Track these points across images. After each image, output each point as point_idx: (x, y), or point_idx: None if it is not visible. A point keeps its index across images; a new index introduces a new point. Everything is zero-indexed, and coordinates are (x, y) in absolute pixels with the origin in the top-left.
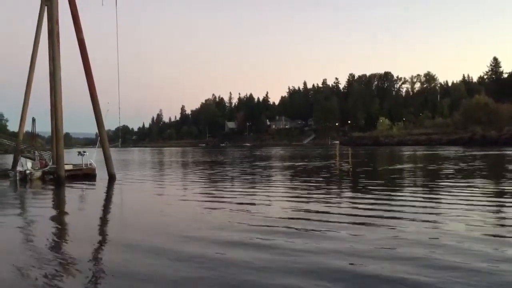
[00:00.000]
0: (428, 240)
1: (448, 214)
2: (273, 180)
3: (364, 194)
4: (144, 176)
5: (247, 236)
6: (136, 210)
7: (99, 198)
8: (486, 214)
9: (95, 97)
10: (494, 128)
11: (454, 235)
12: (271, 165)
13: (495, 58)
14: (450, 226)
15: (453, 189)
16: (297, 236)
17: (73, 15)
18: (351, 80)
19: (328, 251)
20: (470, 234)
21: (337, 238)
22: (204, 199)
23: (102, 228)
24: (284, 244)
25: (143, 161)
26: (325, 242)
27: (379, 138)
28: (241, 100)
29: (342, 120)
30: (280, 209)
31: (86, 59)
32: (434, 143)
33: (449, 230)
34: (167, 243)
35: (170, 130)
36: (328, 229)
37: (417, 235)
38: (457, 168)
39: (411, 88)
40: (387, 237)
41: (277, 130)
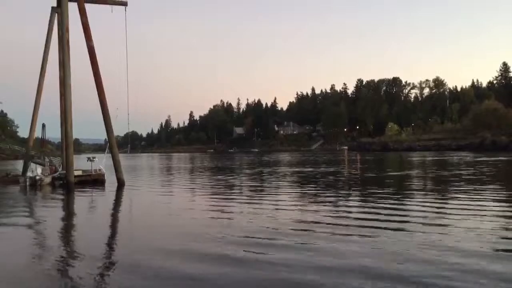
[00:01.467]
0: (435, 254)
1: (457, 225)
2: (281, 187)
3: (372, 201)
4: (153, 182)
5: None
6: (144, 217)
7: (108, 203)
8: (497, 223)
9: (104, 103)
10: (504, 133)
11: (462, 250)
12: (279, 171)
13: (504, 63)
14: (458, 238)
15: (463, 195)
16: (301, 248)
17: (83, 23)
18: (360, 86)
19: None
20: (479, 245)
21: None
22: (211, 207)
23: (110, 234)
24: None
25: (152, 167)
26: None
27: (388, 144)
28: (249, 105)
29: (350, 126)
30: (285, 220)
31: (96, 66)
32: (443, 149)
33: (456, 244)
34: (176, 253)
35: (178, 135)
36: (336, 239)
37: (424, 246)
38: (467, 175)
39: (420, 93)
40: (392, 251)
41: (285, 136)
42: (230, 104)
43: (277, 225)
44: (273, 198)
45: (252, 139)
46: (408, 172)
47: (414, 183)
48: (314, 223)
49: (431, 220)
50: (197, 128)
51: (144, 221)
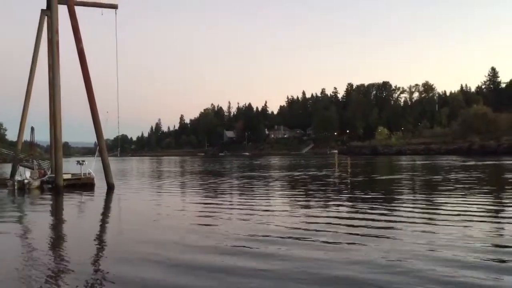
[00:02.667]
0: (424, 252)
1: (445, 226)
2: (271, 191)
3: (361, 207)
4: (143, 186)
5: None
6: (133, 222)
7: (97, 208)
8: (484, 225)
9: (94, 107)
10: (493, 138)
11: (451, 248)
12: (269, 175)
13: (493, 68)
14: (446, 240)
15: (452, 199)
16: (295, 247)
17: (73, 25)
18: (350, 90)
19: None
20: (468, 246)
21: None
22: (201, 212)
23: (98, 239)
24: (281, 253)
25: (142, 171)
26: (323, 254)
27: (377, 148)
28: (240, 109)
29: (340, 130)
30: (273, 226)
31: (86, 68)
32: (432, 153)
33: (445, 245)
34: (164, 257)
35: (168, 139)
36: (327, 240)
37: (412, 247)
38: (456, 179)
39: (409, 98)
40: (382, 249)
41: (276, 139)
42: (221, 107)
43: (265, 232)
44: (263, 203)
45: (243, 142)
46: (397, 176)
47: (403, 188)
48: (303, 230)
49: (419, 227)
50: (188, 132)
51: (133, 227)
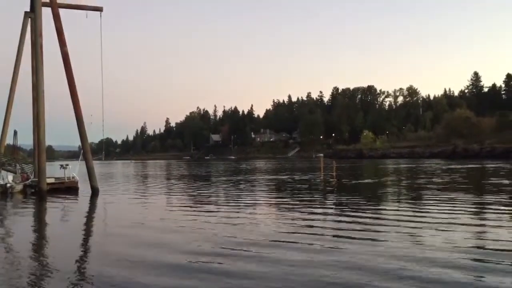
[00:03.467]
0: (410, 254)
1: (429, 229)
2: (256, 195)
3: (347, 210)
4: (127, 190)
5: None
6: (118, 227)
7: (81, 212)
8: (468, 227)
9: (78, 110)
10: (476, 141)
11: (435, 249)
12: (255, 179)
13: (475, 73)
14: (431, 241)
15: (436, 202)
16: (281, 250)
17: (57, 28)
18: (335, 94)
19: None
20: (451, 248)
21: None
22: (186, 214)
23: (82, 243)
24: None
25: (127, 174)
26: (308, 256)
27: (363, 151)
28: (225, 113)
29: (326, 133)
30: (260, 226)
31: (70, 72)
32: (417, 156)
33: (430, 245)
34: (148, 262)
35: (154, 142)
36: (313, 241)
37: (398, 249)
38: (440, 182)
39: (394, 102)
40: (367, 252)
41: (262, 143)
42: (207, 111)
43: (251, 234)
44: (248, 207)
45: (228, 146)
46: (383, 179)
47: (388, 191)
48: (288, 233)
49: (404, 229)
50: (173, 135)
51: (117, 232)
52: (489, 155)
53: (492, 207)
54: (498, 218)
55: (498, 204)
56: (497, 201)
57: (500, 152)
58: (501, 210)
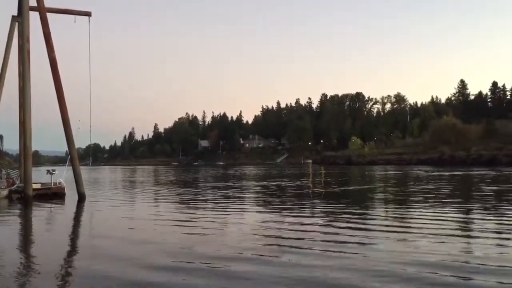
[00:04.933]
0: (399, 258)
1: (418, 234)
2: (245, 200)
3: (336, 214)
4: (115, 196)
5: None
6: (105, 233)
7: (68, 219)
8: (455, 232)
9: (65, 115)
10: (462, 149)
11: (426, 255)
12: (244, 185)
13: (462, 81)
14: (420, 246)
15: (424, 209)
16: (272, 255)
17: (45, 33)
18: (324, 100)
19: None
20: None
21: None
22: (174, 220)
23: (69, 252)
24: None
25: (114, 180)
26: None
27: (351, 158)
28: (214, 118)
29: (315, 139)
30: (247, 235)
31: (58, 77)
32: (404, 163)
33: (421, 252)
34: (134, 272)
35: (142, 148)
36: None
37: (387, 254)
38: (427, 189)
39: (382, 109)
40: (356, 257)
41: (250, 149)
42: (196, 117)
43: (241, 239)
44: (237, 213)
45: (217, 152)
46: (371, 186)
47: (376, 198)
48: (278, 238)
49: (392, 235)
50: (162, 141)
51: (104, 238)
52: (475, 162)
53: (478, 214)
54: (483, 225)
55: (483, 211)
56: (482, 208)
57: (486, 159)
58: (487, 218)
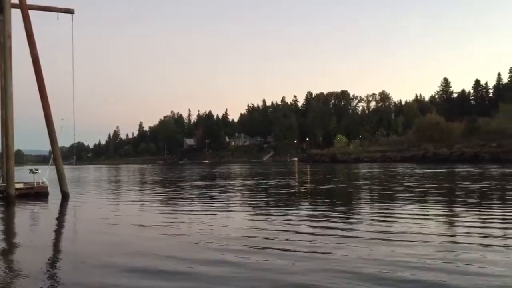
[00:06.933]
0: (383, 258)
1: (403, 233)
2: (230, 199)
3: (321, 212)
4: (99, 195)
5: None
6: (89, 232)
7: (51, 218)
8: (439, 230)
9: (48, 113)
10: (445, 146)
11: (410, 255)
12: (229, 184)
13: (445, 79)
14: (404, 247)
15: (408, 206)
16: (253, 255)
17: (27, 30)
18: (309, 98)
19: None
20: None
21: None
22: (158, 219)
23: (52, 251)
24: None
25: (98, 179)
26: (279, 262)
27: (336, 155)
28: (200, 117)
29: (300, 137)
30: (233, 232)
31: (40, 75)
32: (389, 160)
33: (404, 252)
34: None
35: (127, 147)
36: (284, 247)
37: (371, 253)
38: (411, 187)
39: (366, 107)
40: (340, 257)
41: (236, 147)
42: (181, 115)
43: (224, 239)
44: (222, 212)
45: (203, 150)
46: (356, 184)
47: (361, 196)
48: (261, 238)
49: (377, 234)
50: (147, 139)
51: (88, 237)
52: (458, 159)
53: (462, 211)
54: (466, 224)
55: (466, 209)
56: (465, 206)
57: (469, 156)
58: (470, 219)
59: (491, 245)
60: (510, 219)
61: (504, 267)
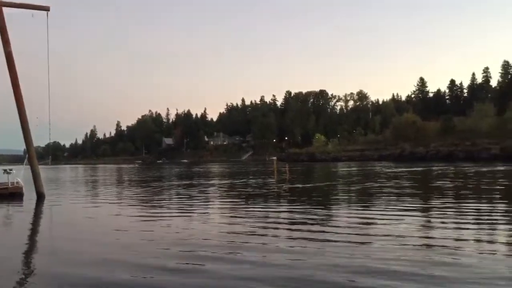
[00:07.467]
0: (360, 254)
1: (380, 227)
2: (209, 199)
3: (300, 211)
4: (75, 196)
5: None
6: (65, 233)
7: (26, 219)
8: (416, 227)
9: (22, 112)
10: (422, 145)
11: (386, 250)
12: (208, 183)
13: (421, 79)
14: (380, 245)
15: (386, 203)
16: (232, 254)
17: (1, 27)
18: (288, 97)
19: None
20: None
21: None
22: (137, 221)
23: (27, 252)
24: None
25: (75, 179)
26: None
27: (315, 154)
28: (178, 116)
29: (279, 137)
30: (212, 230)
31: (14, 73)
32: (367, 159)
33: (380, 247)
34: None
35: (104, 146)
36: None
37: (347, 250)
38: (388, 185)
39: (345, 106)
40: (318, 254)
41: (215, 146)
42: (159, 114)
43: (203, 238)
44: (200, 212)
45: (181, 149)
46: (333, 183)
47: (338, 195)
48: (242, 235)
49: (354, 232)
50: (125, 139)
51: (64, 238)
52: (434, 158)
53: (439, 208)
54: (443, 217)
55: (444, 205)
56: (441, 205)
57: (444, 155)
58: (447, 211)
59: (467, 239)
60: (484, 216)
61: (478, 267)
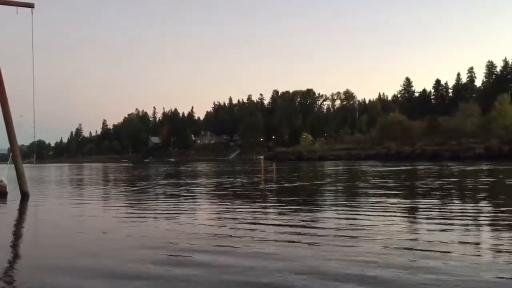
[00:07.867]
0: (346, 253)
1: (367, 225)
2: (196, 198)
3: (286, 210)
4: (60, 195)
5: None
6: (49, 233)
7: (10, 218)
8: (401, 224)
9: (6, 110)
10: (407, 144)
11: (372, 252)
12: (195, 182)
13: (407, 79)
14: (367, 246)
15: (372, 201)
16: (219, 254)
17: None
18: (275, 97)
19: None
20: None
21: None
22: (123, 221)
23: (11, 252)
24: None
25: (60, 179)
26: (247, 260)
27: (302, 153)
28: (165, 114)
29: (266, 136)
30: (199, 231)
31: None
32: (353, 158)
33: (367, 250)
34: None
35: (90, 145)
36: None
37: (335, 248)
38: (374, 184)
39: (331, 105)
40: (303, 254)
41: (202, 145)
42: (146, 112)
43: (190, 238)
44: (187, 211)
45: (168, 148)
46: (320, 182)
47: (327, 193)
48: (228, 236)
49: (341, 232)
50: (111, 137)
51: (48, 238)
52: (419, 157)
53: (424, 207)
54: (430, 216)
55: (429, 203)
56: (428, 204)
57: (430, 154)
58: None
59: (452, 242)
60: (469, 214)
61: (463, 262)
